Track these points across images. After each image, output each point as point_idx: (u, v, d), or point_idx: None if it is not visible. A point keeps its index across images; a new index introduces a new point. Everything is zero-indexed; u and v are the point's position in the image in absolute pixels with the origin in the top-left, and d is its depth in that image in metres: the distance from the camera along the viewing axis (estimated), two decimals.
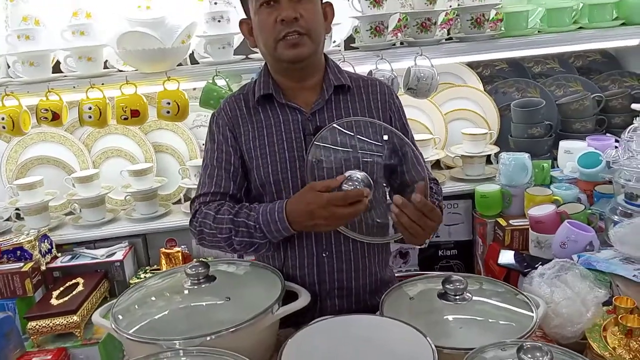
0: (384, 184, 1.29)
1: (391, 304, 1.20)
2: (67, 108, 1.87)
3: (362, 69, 1.94)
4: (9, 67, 1.95)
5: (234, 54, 1.94)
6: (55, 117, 1.79)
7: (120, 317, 1.12)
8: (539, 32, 2.11)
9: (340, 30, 2.06)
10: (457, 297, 1.15)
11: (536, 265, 1.56)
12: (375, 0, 1.90)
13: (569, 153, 2.01)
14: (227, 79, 1.83)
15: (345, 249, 1.30)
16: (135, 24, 1.78)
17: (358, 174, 1.14)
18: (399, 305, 1.19)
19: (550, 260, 1.47)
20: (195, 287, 1.19)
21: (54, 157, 2.08)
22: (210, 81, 1.83)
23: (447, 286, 1.15)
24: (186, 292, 1.18)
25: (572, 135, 2.15)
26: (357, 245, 1.32)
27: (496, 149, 2.18)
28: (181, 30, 1.78)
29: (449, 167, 2.30)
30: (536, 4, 2.12)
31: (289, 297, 1.21)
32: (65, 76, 1.90)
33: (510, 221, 1.87)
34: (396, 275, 2.04)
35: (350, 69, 1.88)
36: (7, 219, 2.07)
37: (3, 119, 1.75)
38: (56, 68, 1.97)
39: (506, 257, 1.74)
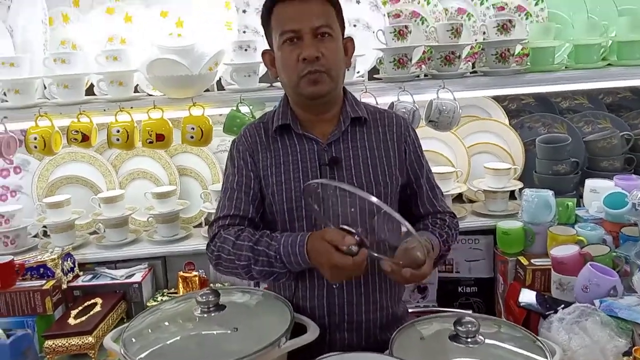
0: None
1: (401, 343, 1.17)
2: (96, 130, 1.93)
3: (385, 100, 1.96)
4: (45, 88, 2.03)
5: (259, 82, 1.98)
6: (85, 139, 1.85)
7: (129, 342, 1.13)
8: (565, 67, 2.09)
9: (364, 61, 2.08)
10: (469, 340, 1.12)
11: (558, 309, 1.52)
12: (399, 32, 1.91)
13: (595, 192, 1.96)
14: (251, 106, 1.87)
15: (356, 281, 1.30)
16: (165, 51, 1.83)
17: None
18: (409, 344, 1.17)
19: (572, 304, 1.44)
20: (205, 315, 1.20)
21: (83, 177, 2.14)
22: (234, 108, 1.86)
23: (459, 328, 1.13)
24: (196, 320, 1.19)
25: (599, 173, 2.10)
26: (369, 278, 1.31)
27: (520, 184, 2.14)
28: (208, 58, 1.82)
29: (471, 201, 2.27)
30: (563, 40, 2.09)
31: (298, 329, 1.21)
32: (96, 99, 1.96)
33: (533, 260, 1.82)
34: (413, 310, 2.04)
35: (372, 100, 1.90)
36: (35, 236, 2.14)
37: (35, 138, 1.82)
38: (90, 90, 2.05)
39: (527, 297, 1.69)
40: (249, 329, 1.17)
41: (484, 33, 2.05)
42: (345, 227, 1.13)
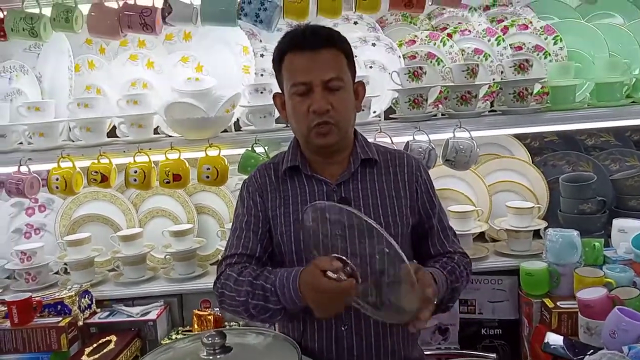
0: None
1: None
2: (115, 171, 1.98)
3: (401, 140, 1.95)
4: (70, 130, 2.11)
5: (275, 123, 2.01)
6: (104, 179, 1.90)
7: None
8: (588, 105, 2.05)
9: (380, 101, 2.10)
10: None
11: (588, 353, 1.44)
12: (414, 73, 1.92)
13: (624, 232, 1.88)
14: (266, 147, 1.89)
15: (366, 324, 1.27)
16: (183, 94, 1.89)
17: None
18: None
19: (601, 349, 1.36)
20: (211, 357, 1.18)
21: (104, 215, 2.18)
22: (249, 148, 1.89)
23: None
24: None
25: (628, 213, 2.02)
26: (379, 321, 1.27)
27: (544, 223, 2.07)
28: (224, 100, 1.87)
29: (494, 240, 2.21)
30: (584, 78, 2.06)
31: None
32: (116, 141, 2.03)
33: (559, 302, 1.75)
34: (433, 353, 1.97)
35: (387, 140, 1.90)
36: (57, 273, 2.18)
37: (57, 179, 1.88)
38: (114, 132, 2.12)
39: (553, 342, 1.62)
40: None
41: (502, 72, 2.04)
42: (339, 256, 1.11)
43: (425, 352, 1.91)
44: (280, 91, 1.36)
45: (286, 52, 1.27)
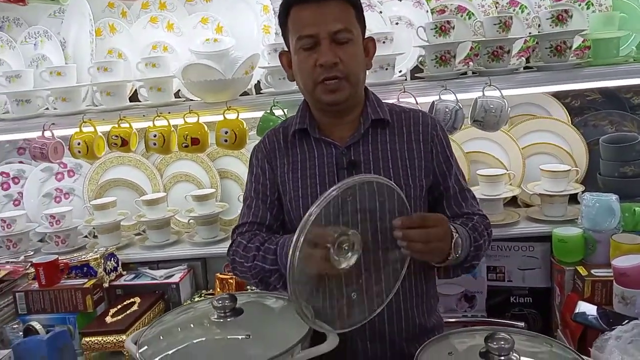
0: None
1: (428, 357, 1.08)
2: (136, 135, 1.98)
3: (426, 100, 1.86)
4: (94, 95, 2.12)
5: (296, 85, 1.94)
6: (124, 144, 1.90)
7: (143, 346, 1.12)
8: (634, 60, 1.88)
9: (406, 59, 2.00)
10: (502, 358, 1.01)
11: (623, 324, 1.36)
12: (441, 28, 1.81)
13: None
14: (285, 109, 1.84)
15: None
16: (200, 56, 1.85)
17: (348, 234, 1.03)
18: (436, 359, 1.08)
19: (636, 320, 1.29)
20: (221, 320, 1.17)
21: (129, 180, 2.20)
22: (268, 111, 1.84)
23: (490, 344, 1.02)
24: (211, 325, 1.16)
25: None
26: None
27: (581, 187, 1.96)
28: (242, 61, 1.82)
29: (528, 205, 2.11)
30: (629, 29, 1.89)
31: (320, 337, 1.15)
32: (136, 105, 2.02)
33: (593, 271, 1.67)
34: (459, 320, 1.92)
35: (411, 100, 1.81)
36: (86, 236, 2.23)
37: (79, 144, 1.90)
38: (135, 97, 2.11)
39: (584, 311, 1.55)
40: (263, 336, 1.13)
41: (539, 26, 1.89)
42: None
43: (450, 320, 1.88)
44: (287, 49, 1.30)
45: (292, 5, 1.21)
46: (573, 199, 1.95)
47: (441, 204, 1.31)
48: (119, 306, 1.79)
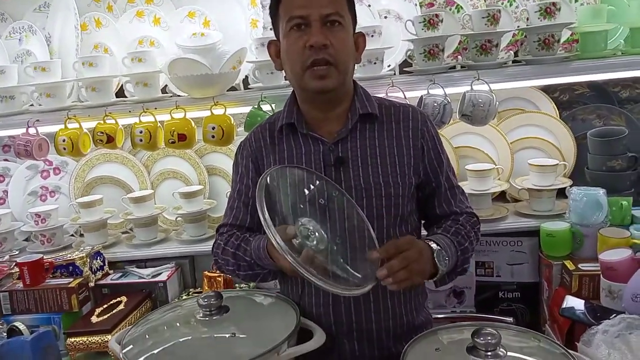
0: None
1: (415, 354, 1.08)
2: (122, 131, 1.95)
3: (415, 94, 1.84)
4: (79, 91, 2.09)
5: (285, 79, 1.93)
6: (110, 140, 1.88)
7: (127, 346, 1.11)
8: (622, 53, 1.88)
9: (394, 53, 1.98)
10: (489, 353, 1.01)
11: (609, 318, 1.36)
12: (429, 22, 1.80)
13: None
14: (273, 104, 1.82)
15: None
16: (187, 50, 1.83)
17: (309, 225, 1.07)
18: (423, 356, 1.07)
19: (623, 314, 1.29)
20: (207, 318, 1.16)
21: (116, 177, 2.18)
22: (256, 106, 1.83)
23: (477, 339, 1.02)
24: (197, 323, 1.16)
25: None
26: (379, 283, 1.22)
27: (569, 182, 1.96)
28: (229, 56, 1.79)
29: (516, 200, 2.11)
30: (618, 22, 1.89)
31: (306, 335, 1.14)
32: (122, 101, 1.99)
33: (580, 265, 1.67)
34: (448, 316, 1.92)
35: (399, 94, 1.79)
36: (72, 235, 2.20)
37: (64, 140, 1.87)
38: (122, 93, 2.08)
39: (572, 306, 1.55)
40: (249, 334, 1.13)
41: (527, 19, 1.89)
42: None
43: (439, 316, 1.88)
44: (275, 39, 1.28)
45: None
46: (561, 193, 1.95)
47: (432, 202, 1.30)
48: (105, 305, 1.76)
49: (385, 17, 2.03)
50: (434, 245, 1.14)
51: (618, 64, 1.82)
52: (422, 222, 1.37)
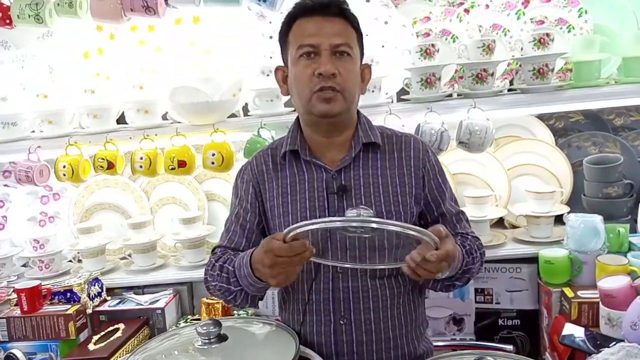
0: None
1: None
2: (122, 158, 1.97)
3: (412, 122, 1.87)
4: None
5: (284, 107, 1.95)
6: (110, 166, 1.89)
7: None
8: (615, 82, 1.92)
9: (392, 82, 2.01)
10: None
11: (609, 346, 1.36)
12: (426, 51, 1.84)
13: None
14: (273, 131, 1.85)
15: (366, 317, 1.21)
16: (187, 78, 1.86)
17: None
18: None
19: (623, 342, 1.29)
20: (205, 347, 1.15)
21: (115, 203, 2.18)
22: (256, 133, 1.85)
23: None
24: (195, 351, 1.15)
25: None
26: (380, 314, 1.22)
27: (566, 208, 1.97)
28: (229, 84, 1.82)
29: (514, 227, 2.12)
30: (611, 52, 1.93)
31: None
32: (123, 128, 2.01)
33: (579, 292, 1.67)
34: (448, 344, 1.91)
35: (397, 122, 1.82)
36: (70, 261, 2.20)
37: (64, 166, 1.89)
38: (123, 119, 2.10)
39: (572, 333, 1.54)
40: None
41: (522, 49, 1.93)
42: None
43: (439, 343, 1.86)
44: (283, 64, 1.30)
45: (297, 17, 1.22)
46: (559, 220, 1.96)
47: None
48: (103, 333, 1.75)
49: (383, 47, 2.07)
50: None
51: (611, 93, 1.85)
52: None
